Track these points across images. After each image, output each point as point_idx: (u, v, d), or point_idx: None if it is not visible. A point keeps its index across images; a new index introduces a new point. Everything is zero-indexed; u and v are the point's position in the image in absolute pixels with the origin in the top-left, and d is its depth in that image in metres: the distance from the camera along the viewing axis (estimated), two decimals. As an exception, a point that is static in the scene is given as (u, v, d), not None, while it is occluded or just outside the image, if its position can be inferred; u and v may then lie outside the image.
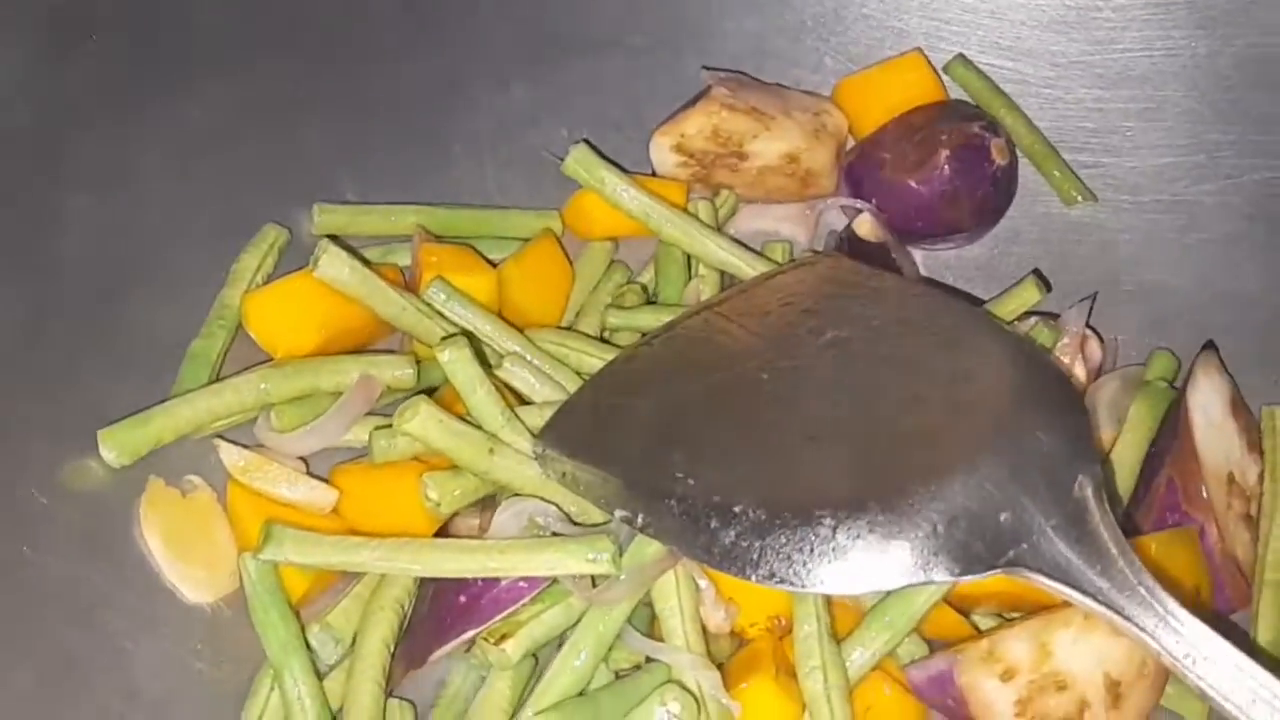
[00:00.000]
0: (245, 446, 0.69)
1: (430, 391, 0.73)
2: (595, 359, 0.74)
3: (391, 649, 0.65)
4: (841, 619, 0.67)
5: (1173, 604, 0.57)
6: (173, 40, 0.75)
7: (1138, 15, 0.85)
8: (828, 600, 0.66)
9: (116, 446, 0.65)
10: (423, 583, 0.67)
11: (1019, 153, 0.86)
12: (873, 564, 0.58)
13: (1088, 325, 0.80)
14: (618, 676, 0.65)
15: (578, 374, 0.73)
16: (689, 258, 0.82)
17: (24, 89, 0.68)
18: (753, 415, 0.66)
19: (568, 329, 0.80)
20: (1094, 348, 0.79)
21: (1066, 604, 0.62)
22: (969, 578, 0.58)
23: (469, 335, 0.70)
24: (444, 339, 0.68)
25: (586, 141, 0.81)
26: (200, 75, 0.76)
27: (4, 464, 0.63)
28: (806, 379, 0.67)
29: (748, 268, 0.80)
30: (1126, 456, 0.76)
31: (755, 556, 0.60)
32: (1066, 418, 0.64)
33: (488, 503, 0.70)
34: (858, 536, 0.59)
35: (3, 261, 0.66)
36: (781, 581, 0.59)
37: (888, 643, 0.66)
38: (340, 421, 0.69)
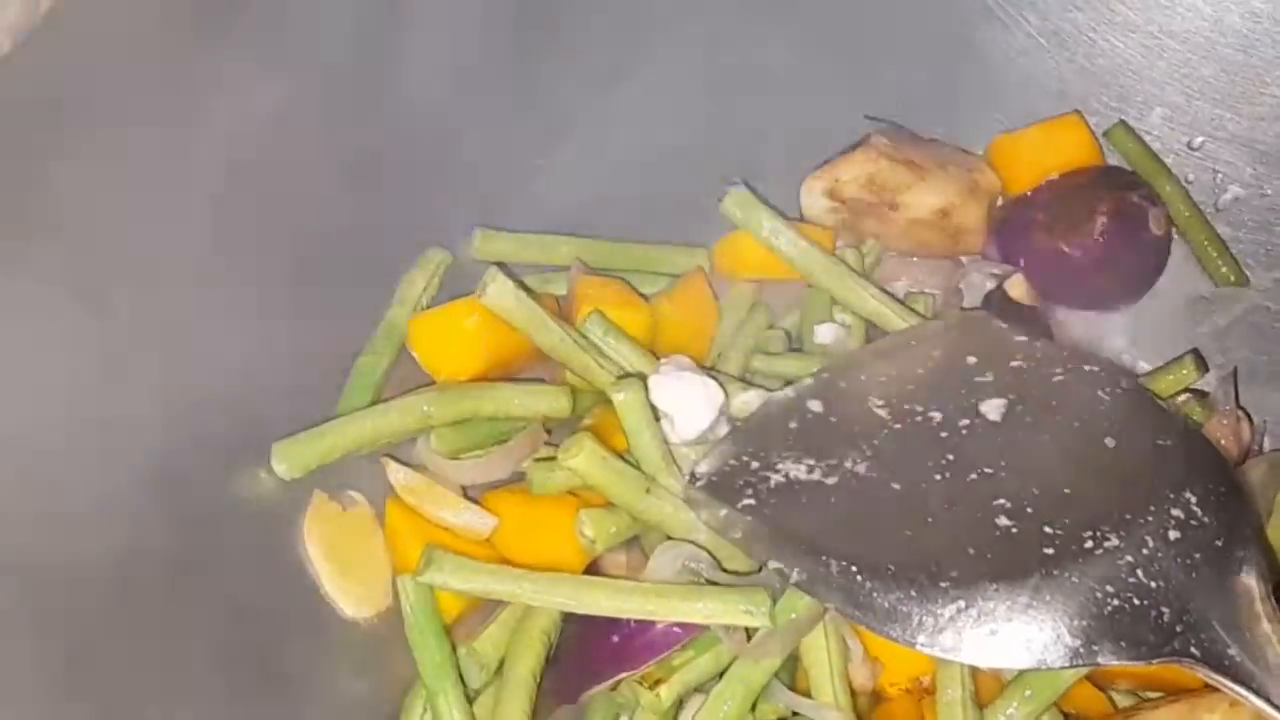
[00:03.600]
0: (410, 466, 0.70)
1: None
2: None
3: (538, 680, 0.66)
4: (982, 686, 0.67)
5: (1338, 706, 0.56)
6: (334, 53, 0.77)
7: (1306, 94, 0.84)
8: (973, 668, 0.66)
9: (288, 460, 0.67)
10: (568, 617, 0.68)
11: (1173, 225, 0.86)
12: (1037, 640, 0.59)
13: (1240, 406, 0.80)
14: (762, 727, 0.65)
15: (727, 418, 0.74)
16: (835, 306, 0.82)
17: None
18: (911, 476, 0.66)
19: (711, 369, 0.80)
20: (1244, 428, 0.79)
21: (1210, 689, 0.62)
22: (1133, 664, 0.58)
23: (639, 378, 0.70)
24: (620, 378, 0.69)
25: (744, 182, 0.82)
26: (368, 93, 0.77)
27: (179, 471, 0.65)
28: (965, 447, 0.67)
29: (897, 320, 0.80)
30: (1276, 541, 0.75)
31: (916, 622, 0.60)
32: (1230, 503, 0.64)
33: (633, 541, 0.71)
34: (1022, 611, 0.59)
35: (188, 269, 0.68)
36: (942, 650, 0.59)
37: (1029, 715, 0.66)
38: (509, 460, 0.71)
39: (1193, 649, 0.59)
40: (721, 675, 0.64)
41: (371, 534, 0.69)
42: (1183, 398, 0.79)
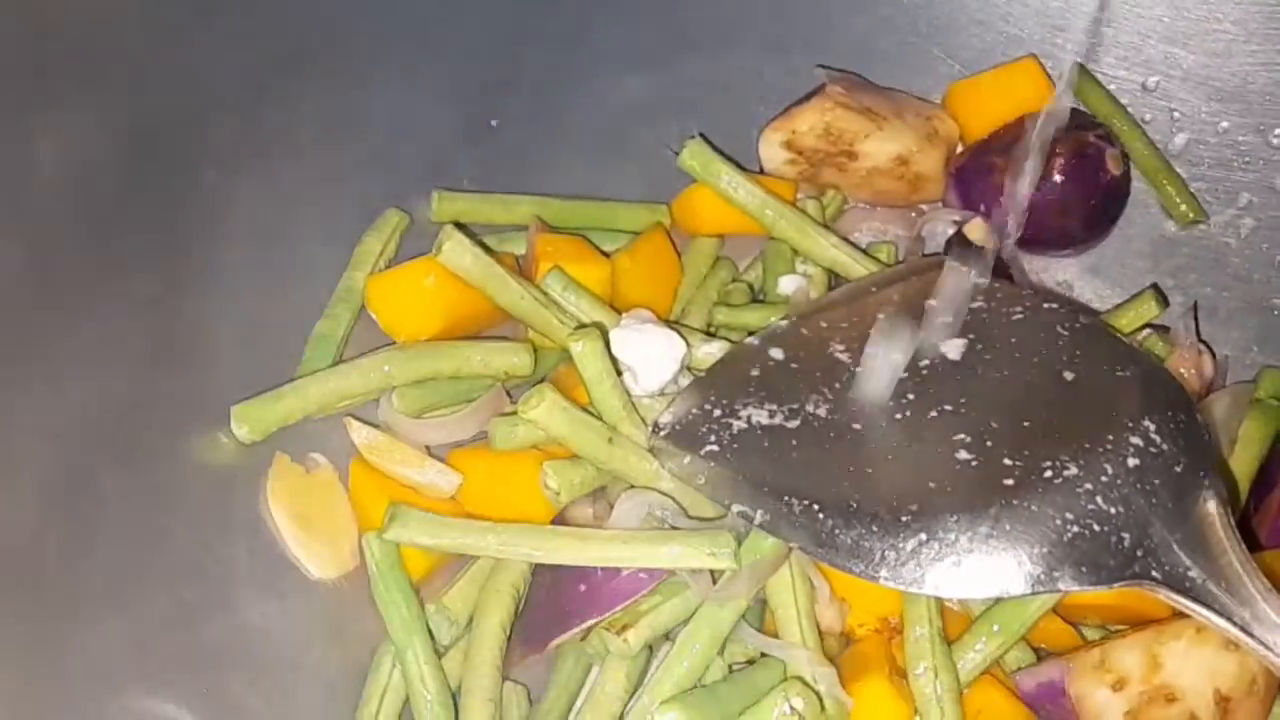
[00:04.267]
0: (373, 426, 0.70)
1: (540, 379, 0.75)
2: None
3: (508, 632, 0.66)
4: (949, 624, 0.67)
5: (1301, 624, 0.57)
6: (296, 24, 0.76)
7: (1257, 29, 0.84)
8: (939, 603, 0.66)
9: (248, 422, 0.67)
10: (538, 569, 0.68)
11: (1131, 164, 0.86)
12: (998, 569, 0.59)
13: (1201, 341, 0.80)
14: (731, 670, 0.65)
15: (689, 370, 0.74)
16: (796, 257, 0.82)
17: (162, 74, 0.68)
18: (873, 418, 0.66)
19: (675, 323, 0.80)
20: (1206, 363, 0.79)
21: (1177, 616, 0.63)
22: (1094, 588, 0.59)
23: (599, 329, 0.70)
24: (576, 329, 0.69)
25: (701, 135, 0.82)
26: (322, 60, 0.77)
27: (138, 437, 0.65)
28: (926, 384, 0.67)
29: (858, 267, 0.80)
30: (1238, 473, 0.75)
31: (878, 557, 0.60)
32: (1189, 431, 0.64)
33: (599, 493, 0.71)
34: (982, 540, 0.59)
35: (139, 241, 0.67)
36: (905, 583, 0.60)
37: (998, 649, 0.66)
38: (473, 420, 0.70)
39: (1154, 572, 0.59)
40: (689, 619, 0.64)
41: (336, 495, 0.69)
42: (1144, 333, 0.79)
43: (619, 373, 0.72)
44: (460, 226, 0.75)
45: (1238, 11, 0.84)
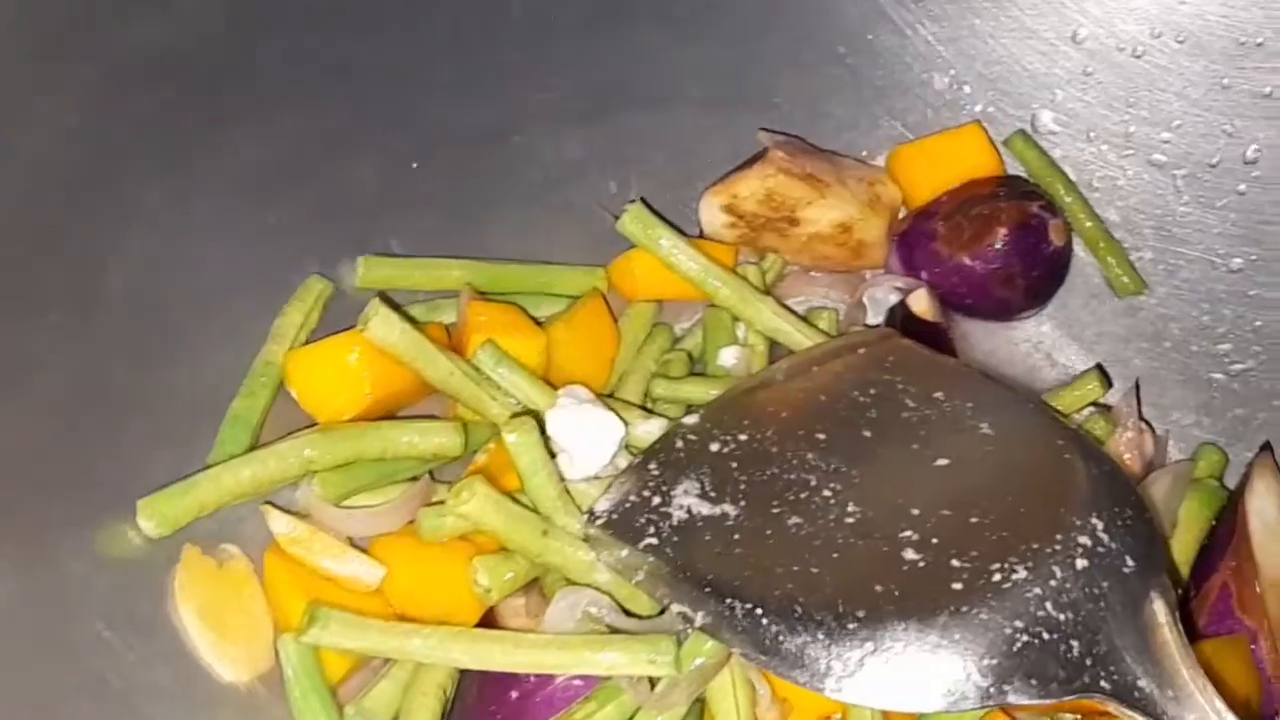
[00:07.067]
0: (291, 513, 0.66)
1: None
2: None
3: (433, 738, 0.63)
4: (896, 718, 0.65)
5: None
6: (228, 81, 0.72)
7: (1201, 100, 0.84)
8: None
9: (156, 516, 0.62)
10: (465, 670, 0.64)
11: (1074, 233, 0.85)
12: (948, 682, 0.57)
13: (1141, 418, 0.80)
14: (669, 777, 0.63)
15: (628, 449, 0.71)
16: (736, 324, 0.80)
17: (74, 131, 0.64)
18: (814, 511, 0.64)
19: (610, 395, 0.77)
20: (1148, 441, 0.78)
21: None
22: (1044, 702, 0.57)
23: (533, 414, 0.67)
24: (512, 418, 0.66)
25: (642, 200, 0.79)
26: (239, 117, 0.72)
27: (39, 527, 0.60)
28: (869, 475, 0.65)
29: (800, 337, 0.78)
30: (1179, 556, 0.75)
31: (823, 668, 0.58)
32: (1136, 527, 0.63)
33: (532, 585, 0.68)
34: (931, 651, 0.57)
35: (43, 309, 0.63)
36: (852, 696, 0.58)
37: (942, 748, 0.65)
38: (400, 511, 0.67)
39: (1103, 682, 0.58)
40: (626, 727, 0.61)
41: (249, 590, 0.65)
42: (1087, 412, 0.78)
43: (553, 455, 0.69)
44: (387, 295, 0.72)
45: (1181, 82, 0.83)
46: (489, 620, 0.66)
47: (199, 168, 0.69)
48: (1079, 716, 0.66)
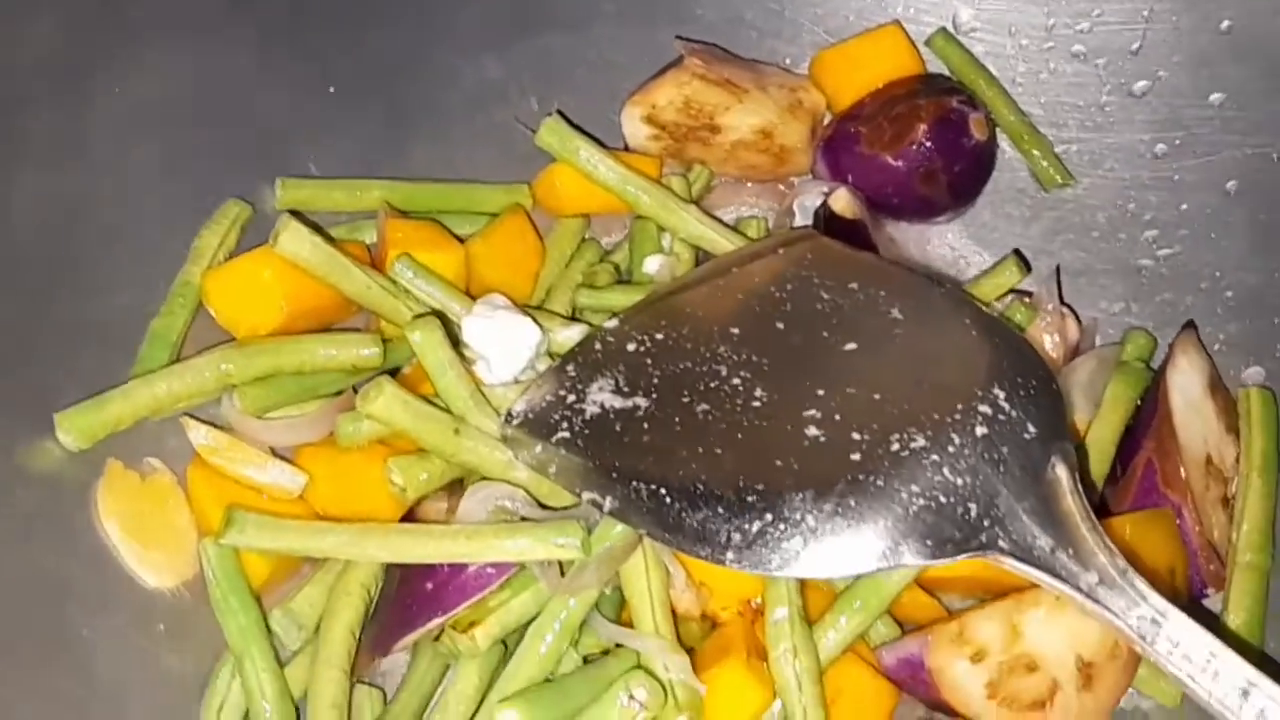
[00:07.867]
0: (212, 425, 0.67)
1: (395, 371, 0.72)
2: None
3: (357, 635, 0.64)
4: (814, 602, 0.66)
5: (1145, 587, 0.56)
6: (129, 8, 0.73)
7: (1118, -14, 0.83)
8: (801, 584, 0.65)
9: (73, 430, 0.64)
10: (389, 568, 0.66)
11: (998, 129, 0.85)
12: (843, 547, 0.58)
13: (1065, 304, 0.80)
14: (586, 662, 0.64)
15: (549, 355, 0.72)
16: (663, 234, 0.81)
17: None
18: (722, 399, 0.65)
19: (537, 308, 0.78)
20: (1071, 326, 0.79)
21: (1038, 586, 0.62)
22: (940, 561, 0.58)
23: (440, 315, 0.68)
24: (414, 318, 0.67)
25: (560, 113, 0.80)
26: (157, 46, 0.73)
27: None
28: (779, 363, 0.66)
29: (724, 243, 0.78)
30: (1103, 437, 0.75)
31: (724, 540, 0.59)
32: (1040, 398, 0.63)
33: (456, 487, 0.69)
34: (827, 519, 0.58)
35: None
36: (751, 565, 0.58)
37: (859, 625, 0.65)
38: (322, 421, 0.68)
39: (1001, 542, 0.58)
40: (539, 613, 0.62)
41: (173, 501, 0.67)
42: (1007, 300, 0.78)
43: (472, 361, 0.70)
44: (304, 216, 0.73)
45: (1099, -30, 0.83)
46: (409, 521, 0.67)
47: (102, 100, 0.70)
48: (990, 597, 0.67)
